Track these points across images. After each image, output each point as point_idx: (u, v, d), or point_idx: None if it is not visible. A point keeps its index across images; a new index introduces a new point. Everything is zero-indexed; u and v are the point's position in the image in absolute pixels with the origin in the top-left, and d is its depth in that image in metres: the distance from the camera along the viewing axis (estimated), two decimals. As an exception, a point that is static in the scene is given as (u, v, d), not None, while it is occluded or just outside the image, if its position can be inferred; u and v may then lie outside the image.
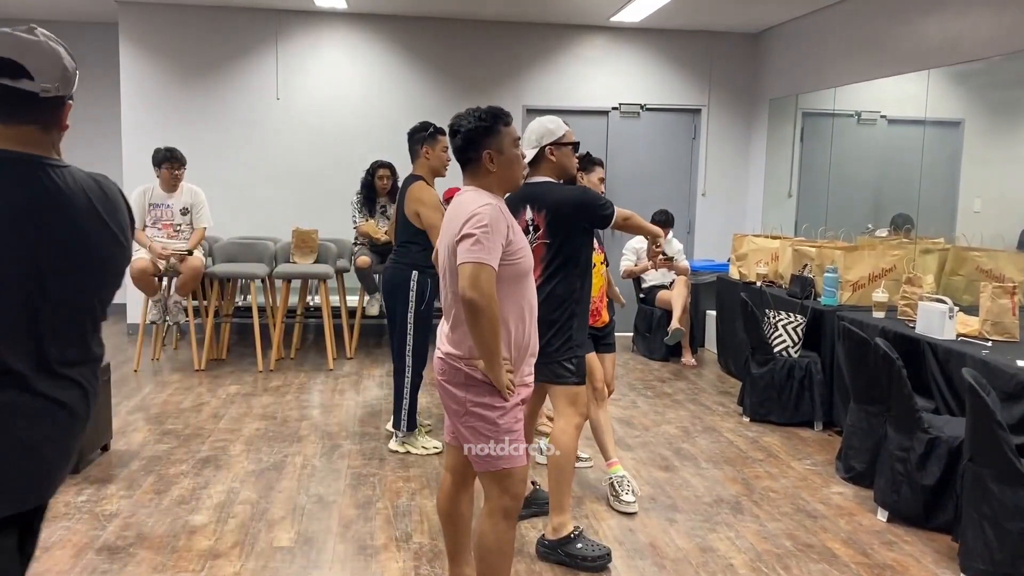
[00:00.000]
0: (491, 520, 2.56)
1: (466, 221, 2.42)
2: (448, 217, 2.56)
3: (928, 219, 5.67)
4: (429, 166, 4.48)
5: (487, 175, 2.57)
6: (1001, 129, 5.31)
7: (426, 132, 4.46)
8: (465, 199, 2.53)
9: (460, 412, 2.53)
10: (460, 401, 2.52)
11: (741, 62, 8.24)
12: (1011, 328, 4.13)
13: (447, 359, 2.54)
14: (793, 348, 5.19)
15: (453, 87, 7.90)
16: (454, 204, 2.56)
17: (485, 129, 2.54)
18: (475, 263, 2.37)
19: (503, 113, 2.59)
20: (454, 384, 2.53)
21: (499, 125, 2.56)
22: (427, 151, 4.46)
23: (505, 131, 2.57)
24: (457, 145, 2.58)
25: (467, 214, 2.44)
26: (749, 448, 4.79)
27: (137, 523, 3.56)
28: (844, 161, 6.75)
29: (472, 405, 2.50)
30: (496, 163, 2.56)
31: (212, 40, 7.61)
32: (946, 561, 3.36)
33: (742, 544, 3.50)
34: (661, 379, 6.41)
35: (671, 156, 8.31)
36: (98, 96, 8.35)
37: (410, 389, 4.49)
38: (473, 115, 2.56)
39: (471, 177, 2.60)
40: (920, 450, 3.59)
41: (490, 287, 2.38)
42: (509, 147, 2.58)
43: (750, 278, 6.39)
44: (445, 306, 2.62)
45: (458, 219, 2.46)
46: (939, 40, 5.58)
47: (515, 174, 2.64)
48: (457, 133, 2.57)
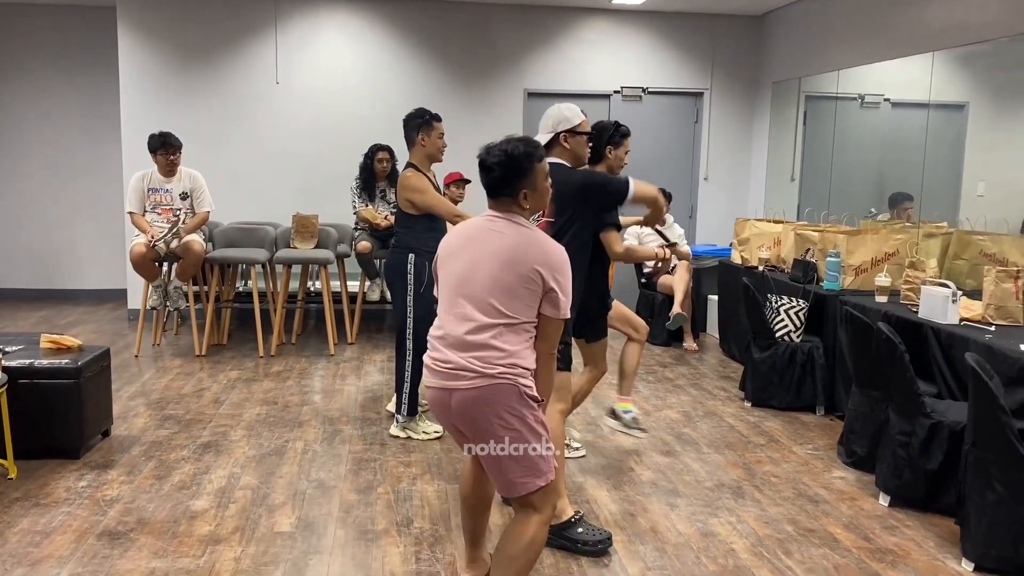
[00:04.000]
0: (543, 528, 2.58)
1: (557, 270, 2.46)
2: (500, 243, 2.48)
3: (931, 203, 5.64)
4: (425, 153, 4.45)
5: (520, 209, 2.56)
6: (1006, 112, 5.26)
7: (422, 119, 4.43)
8: (528, 233, 2.51)
9: (514, 435, 2.48)
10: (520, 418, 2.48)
11: (744, 45, 8.17)
12: (1014, 312, 4.10)
13: (505, 375, 2.44)
14: (795, 333, 5.17)
15: (454, 70, 7.85)
16: (515, 234, 2.50)
17: (519, 171, 2.51)
18: (566, 319, 2.54)
19: (534, 148, 2.55)
20: (502, 410, 2.46)
21: (532, 163, 2.53)
22: (423, 138, 4.43)
23: (539, 168, 2.55)
24: (489, 182, 2.54)
25: (553, 258, 2.47)
26: (751, 433, 4.78)
27: (138, 508, 3.56)
28: (847, 145, 6.70)
29: (533, 420, 2.51)
30: (529, 199, 2.56)
31: (211, 24, 7.56)
32: (948, 546, 3.36)
33: (743, 529, 3.50)
34: (662, 364, 6.40)
35: (673, 140, 8.27)
36: (97, 81, 8.31)
37: (411, 373, 4.48)
38: (505, 153, 2.50)
39: (501, 206, 2.56)
40: (922, 435, 3.58)
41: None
42: (541, 183, 2.58)
43: (752, 263, 6.36)
44: (456, 315, 2.51)
45: (536, 257, 2.45)
46: (945, 22, 5.53)
47: (544, 202, 2.66)
48: (490, 171, 2.52)
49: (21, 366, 4.03)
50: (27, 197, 8.47)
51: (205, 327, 6.46)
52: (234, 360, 6.20)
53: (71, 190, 8.49)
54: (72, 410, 4.07)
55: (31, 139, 8.40)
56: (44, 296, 8.55)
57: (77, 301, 8.49)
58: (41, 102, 8.36)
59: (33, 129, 8.39)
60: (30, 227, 8.52)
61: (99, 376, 4.32)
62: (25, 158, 8.42)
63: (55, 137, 8.41)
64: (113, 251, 8.40)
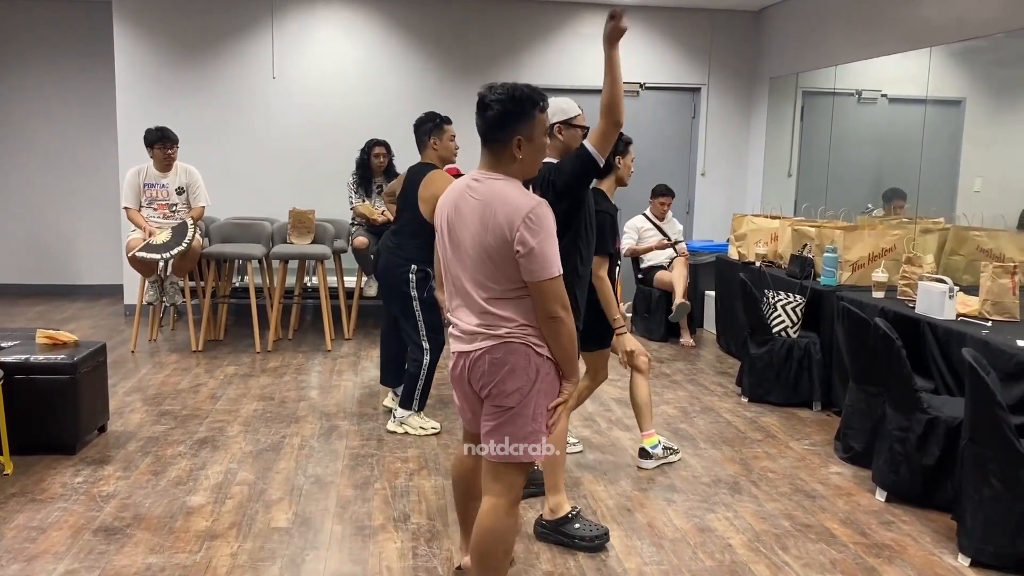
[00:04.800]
0: (512, 517, 2.53)
1: (524, 230, 2.27)
2: (475, 210, 2.38)
3: (928, 199, 5.64)
4: (438, 156, 4.50)
5: (512, 161, 2.40)
6: (1003, 108, 5.26)
7: (432, 123, 4.48)
8: (501, 192, 2.35)
9: (521, 393, 2.41)
10: (528, 379, 2.40)
11: (741, 40, 8.17)
12: (1011, 308, 4.11)
13: (513, 335, 2.38)
14: (792, 328, 5.18)
15: (451, 65, 7.83)
16: (486, 196, 2.37)
17: (518, 114, 2.36)
18: (553, 279, 2.32)
19: (539, 96, 2.41)
20: (516, 367, 2.39)
21: (534, 111, 2.38)
22: (435, 142, 4.47)
23: (539, 118, 2.40)
24: (484, 121, 2.39)
25: (519, 219, 2.28)
26: (747, 428, 4.78)
27: (134, 504, 3.55)
28: (844, 140, 6.70)
29: (540, 386, 2.42)
30: (523, 151, 2.39)
31: (207, 18, 7.53)
32: (945, 541, 3.36)
33: (740, 524, 3.50)
34: (660, 360, 6.40)
35: (671, 135, 8.26)
36: (92, 75, 8.27)
37: (427, 369, 4.47)
38: (507, 93, 2.36)
39: (492, 158, 2.42)
40: (919, 430, 3.58)
41: (566, 295, 2.37)
42: (540, 136, 2.42)
43: (749, 258, 6.36)
44: (454, 291, 2.49)
45: (502, 220, 2.30)
46: (942, 17, 5.52)
47: (538, 164, 2.50)
48: (487, 109, 2.37)
49: (17, 361, 4.02)
50: (23, 191, 8.45)
51: (202, 323, 6.45)
52: (231, 356, 6.19)
53: (67, 185, 8.47)
54: (68, 405, 4.06)
55: (26, 133, 8.37)
56: (40, 291, 8.53)
57: (73, 296, 8.47)
58: (37, 96, 8.33)
59: (29, 123, 8.36)
60: (26, 222, 8.49)
61: (95, 371, 4.31)
62: (20, 152, 8.40)
63: (51, 131, 8.39)
64: (110, 246, 8.37)
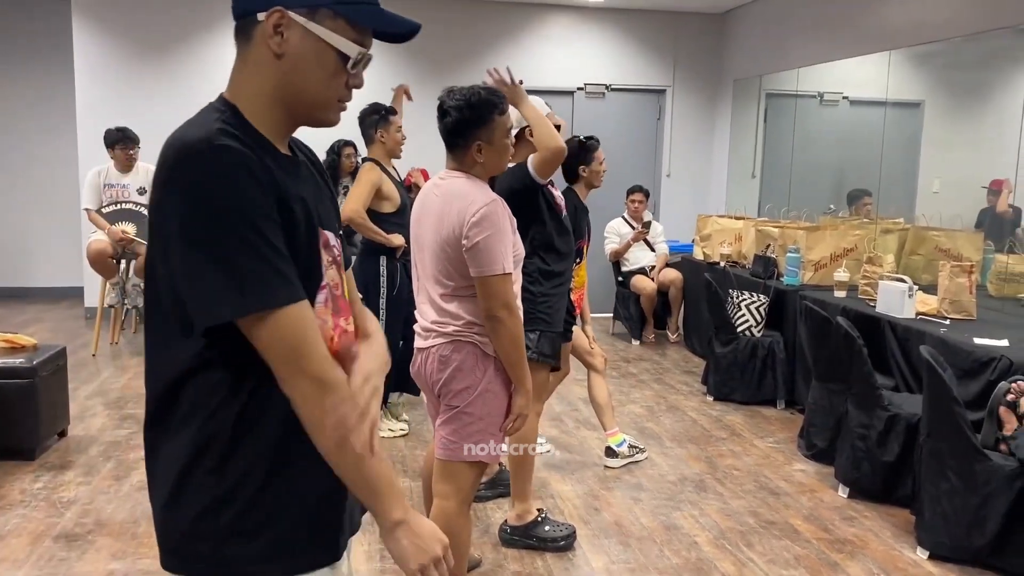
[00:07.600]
0: (463, 517, 2.52)
1: (472, 224, 2.29)
2: (436, 207, 2.41)
3: (888, 199, 5.74)
4: (385, 149, 4.42)
5: (473, 164, 2.43)
6: (960, 110, 5.38)
7: (378, 115, 4.41)
8: (459, 189, 2.38)
9: (469, 392, 2.40)
10: (476, 379, 2.39)
11: (706, 43, 8.24)
12: (968, 306, 4.20)
13: (461, 334, 2.39)
14: (756, 328, 5.24)
15: (417, 66, 7.80)
16: (446, 193, 2.40)
17: (476, 120, 2.37)
18: (497, 276, 2.29)
19: (497, 100, 2.41)
20: (463, 366, 2.39)
21: (493, 114, 2.39)
22: (381, 134, 4.40)
23: (498, 121, 2.40)
24: (444, 127, 2.42)
25: (469, 214, 2.30)
26: (713, 427, 4.83)
27: (96, 509, 3.49)
28: (807, 142, 6.80)
29: (490, 382, 2.40)
30: (484, 154, 2.41)
31: (172, 13, 7.41)
32: (904, 535, 3.43)
33: (706, 522, 3.54)
34: (626, 359, 6.44)
35: (636, 137, 8.31)
36: (50, 73, 8.10)
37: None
38: (464, 99, 2.37)
39: (455, 161, 2.45)
40: (880, 427, 3.64)
41: (512, 297, 2.33)
42: (500, 139, 2.43)
43: (714, 258, 6.43)
44: (419, 288, 2.54)
45: (455, 214, 2.33)
46: (901, 21, 5.63)
47: (502, 163, 2.52)
48: (446, 115, 2.40)
49: (-27, 366, 3.94)
50: (-21, 192, 8.26)
51: (165, 325, 6.35)
52: (195, 358, 6.11)
53: (24, 183, 8.28)
54: (27, 410, 3.97)
55: (-18, 133, 8.19)
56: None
57: (31, 299, 8.30)
58: (-7, 94, 8.15)
59: (-16, 122, 8.18)
60: (-18, 223, 8.31)
61: (55, 375, 4.23)
62: (-24, 152, 8.21)
63: (6, 127, 8.20)
64: (69, 247, 8.20)
